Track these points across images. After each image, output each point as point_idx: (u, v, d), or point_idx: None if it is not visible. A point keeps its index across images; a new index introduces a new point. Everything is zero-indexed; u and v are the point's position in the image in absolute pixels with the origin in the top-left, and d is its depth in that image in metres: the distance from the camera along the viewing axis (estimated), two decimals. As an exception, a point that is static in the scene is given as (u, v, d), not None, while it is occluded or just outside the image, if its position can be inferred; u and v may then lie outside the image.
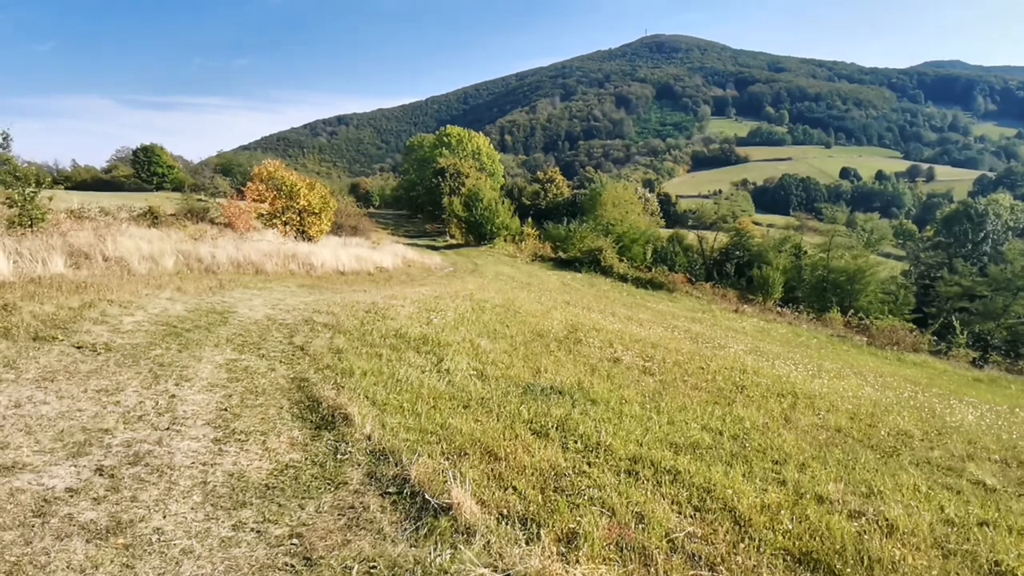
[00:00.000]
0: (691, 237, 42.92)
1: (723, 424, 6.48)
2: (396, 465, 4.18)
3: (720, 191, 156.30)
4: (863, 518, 4.43)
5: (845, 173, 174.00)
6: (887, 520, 4.39)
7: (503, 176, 66.95)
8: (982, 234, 41.24)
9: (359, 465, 4.18)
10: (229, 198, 27.42)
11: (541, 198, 56.20)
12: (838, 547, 3.86)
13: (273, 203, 22.06)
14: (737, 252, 38.02)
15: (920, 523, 4.43)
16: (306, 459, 4.23)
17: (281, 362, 6.52)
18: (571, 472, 4.51)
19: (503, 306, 13.35)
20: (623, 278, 30.74)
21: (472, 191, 39.33)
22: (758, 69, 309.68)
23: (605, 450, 5.09)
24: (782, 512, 4.29)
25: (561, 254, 35.94)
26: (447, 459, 4.48)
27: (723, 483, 4.63)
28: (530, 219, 43.84)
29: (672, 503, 4.26)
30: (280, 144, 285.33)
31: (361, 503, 3.69)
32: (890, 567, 3.69)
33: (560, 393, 6.66)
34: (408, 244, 32.66)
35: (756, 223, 74.72)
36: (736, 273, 35.19)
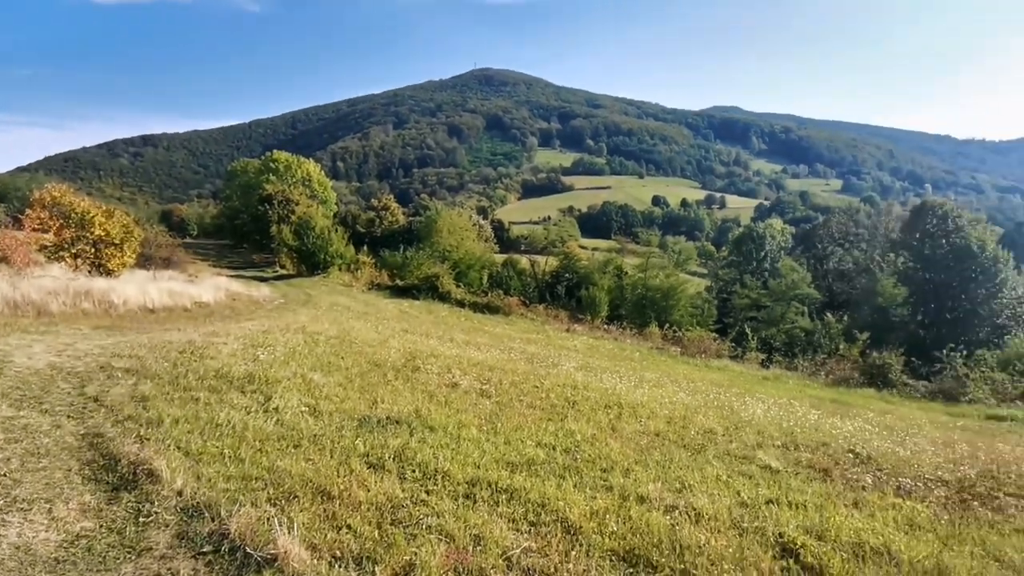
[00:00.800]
0: (524, 261, 44.89)
1: (556, 439, 6.81)
2: (213, 520, 3.81)
3: (549, 217, 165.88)
4: (676, 511, 4.91)
5: (656, 201, 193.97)
6: (695, 509, 4.92)
7: (336, 203, 64.89)
8: (763, 253, 48.29)
9: (166, 526, 3.74)
10: (2, 227, 23.31)
11: (376, 225, 55.32)
12: (656, 540, 4.23)
13: (60, 233, 19.17)
14: (567, 274, 40.47)
15: (721, 508, 5.02)
16: (101, 526, 3.68)
17: (69, 417, 5.63)
18: (409, 502, 4.44)
19: (338, 337, 12.84)
20: (461, 303, 31.18)
21: (303, 219, 37.56)
22: (578, 105, 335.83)
23: (443, 476, 5.09)
24: (609, 516, 4.60)
25: (398, 282, 35.56)
26: (274, 505, 4.18)
27: (556, 496, 4.86)
28: (366, 247, 42.91)
29: (509, 521, 4.37)
30: (68, 165, 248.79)
31: (169, 569, 3.29)
32: (697, 551, 4.13)
33: (397, 423, 6.54)
34: (233, 276, 30.16)
35: (582, 247, 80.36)
36: (567, 294, 37.38)
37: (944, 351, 21.57)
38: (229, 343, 10.44)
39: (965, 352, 21.78)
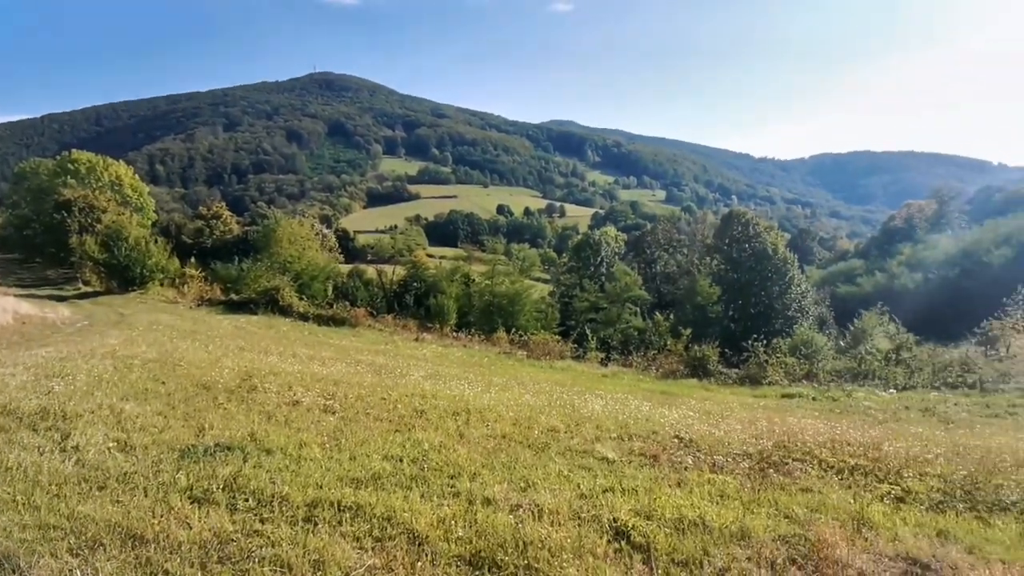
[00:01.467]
0: (371, 271, 43.93)
1: (404, 450, 6.72)
2: (14, 572, 3.27)
3: (396, 226, 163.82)
4: (521, 509, 5.08)
5: (501, 209, 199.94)
6: (538, 506, 5.12)
7: (155, 211, 58.35)
8: (600, 258, 51.82)
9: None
10: None
11: (206, 236, 50.74)
12: (501, 540, 4.34)
13: None
14: (415, 283, 40.22)
15: (562, 502, 5.29)
16: None
17: None
18: (240, 535, 4.11)
19: (158, 360, 11.55)
20: (304, 317, 29.62)
21: (113, 228, 33.25)
22: (423, 114, 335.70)
23: (281, 501, 4.80)
24: (456, 522, 4.63)
25: (233, 296, 32.85)
26: (76, 555, 3.65)
27: (402, 507, 4.79)
28: (193, 259, 39.13)
29: (353, 540, 4.23)
30: None
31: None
32: (539, 545, 4.31)
33: (229, 449, 6.03)
34: (22, 295, 25.82)
35: (430, 255, 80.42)
36: (415, 303, 37.12)
37: (749, 342, 24.65)
38: (17, 374, 8.95)
39: (765, 341, 25.08)
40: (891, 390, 19.90)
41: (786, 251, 44.21)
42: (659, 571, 4.17)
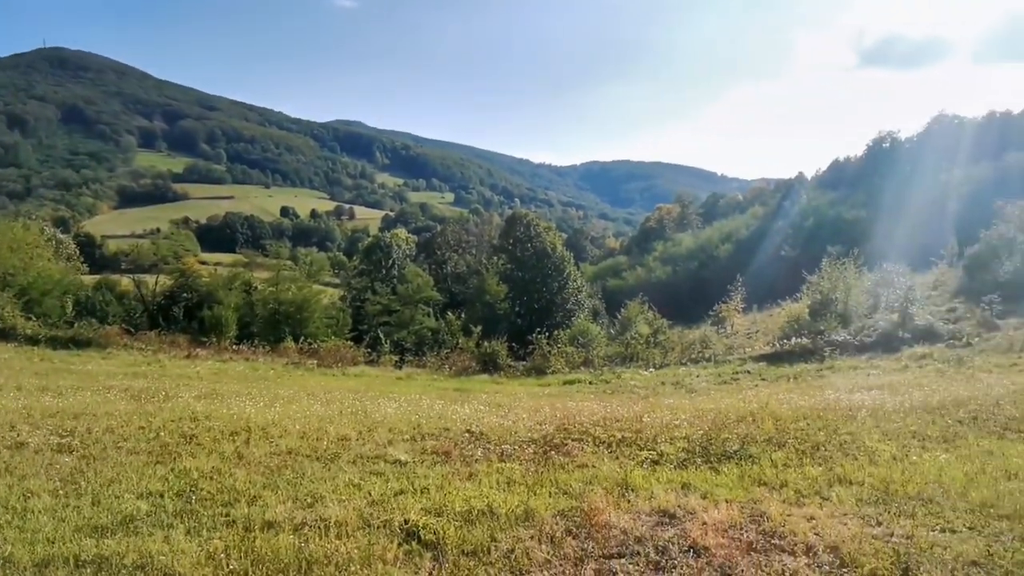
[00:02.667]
0: (126, 282, 37.95)
1: (166, 484, 5.92)
2: None
3: (159, 230, 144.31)
4: (306, 527, 4.80)
5: (285, 212, 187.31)
6: (324, 520, 4.89)
7: None
8: (391, 261, 51.40)
9: None
10: None
11: None
12: (282, 565, 4.06)
13: None
14: (185, 294, 35.75)
15: (351, 512, 5.12)
16: None
17: None
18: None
19: None
20: (34, 340, 24.49)
21: None
22: (188, 104, 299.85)
23: (3, 565, 3.92)
24: (229, 554, 4.21)
25: (-76, 320, 25.85)
26: None
27: (161, 550, 4.21)
28: None
29: (97, 597, 3.60)
30: None
31: None
32: (325, 561, 4.13)
33: (-87, 515, 4.74)
34: None
35: (203, 262, 72.20)
36: (186, 316, 33.02)
37: (534, 335, 26.47)
38: None
39: (548, 334, 27.13)
40: (651, 369, 22.93)
41: (563, 250, 48.43)
42: (448, 565, 4.26)
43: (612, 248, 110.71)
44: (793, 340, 23.27)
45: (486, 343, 26.79)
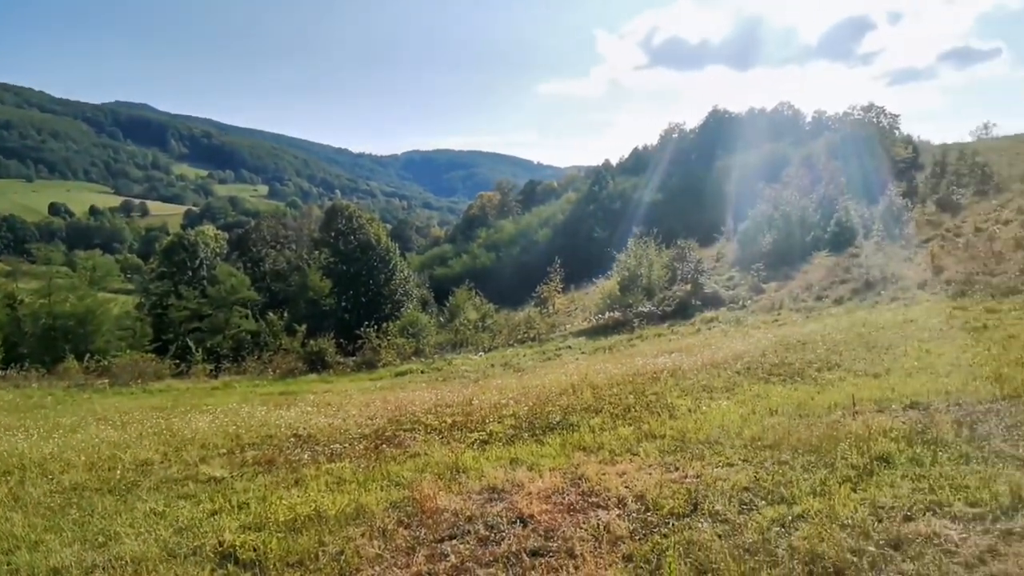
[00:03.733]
0: None
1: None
2: None
3: None
4: (98, 569, 4.21)
5: (55, 209, 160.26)
6: (119, 558, 4.33)
7: None
8: (198, 261, 46.43)
9: None
10: None
11: None
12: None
13: None
14: (-81, 315, 29.00)
15: (151, 545, 4.58)
16: None
17: None
18: None
19: None
20: None
21: None
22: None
23: None
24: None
25: None
26: None
27: None
28: None
29: None
30: None
31: None
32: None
33: None
34: None
35: (-56, 275, 59.19)
36: (-76, 342, 26.84)
37: (363, 329, 25.72)
38: None
39: (377, 327, 26.53)
40: (480, 353, 23.54)
41: (388, 241, 47.52)
42: (270, 579, 4.01)
43: (437, 237, 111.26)
44: (607, 315, 25.36)
45: (312, 341, 25.45)
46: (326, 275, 41.93)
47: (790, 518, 4.04)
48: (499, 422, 8.65)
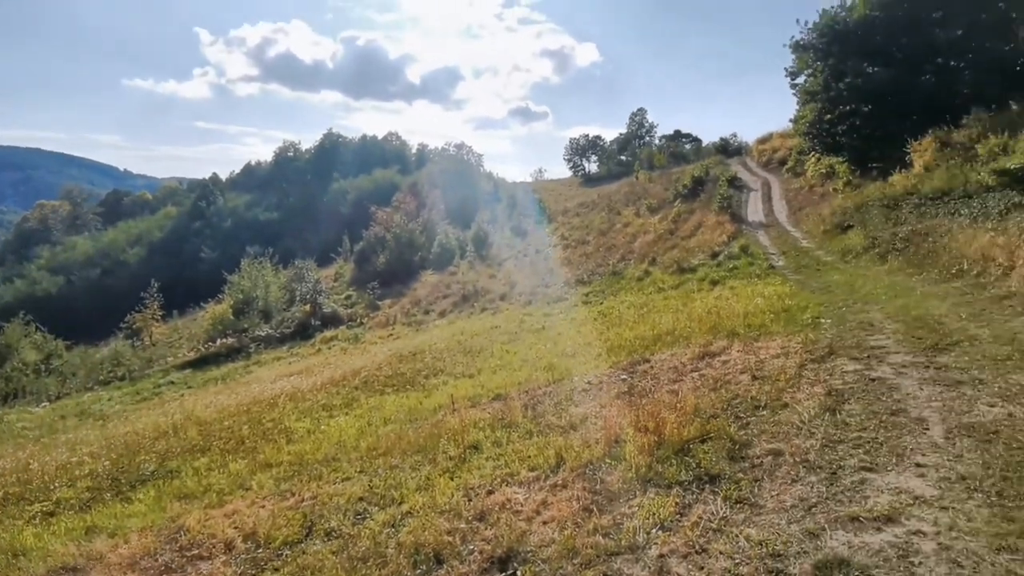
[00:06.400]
0: None
1: None
2: None
3: None
4: None
5: None
6: None
7: None
8: None
9: None
10: None
11: None
12: None
13: None
14: None
15: None
16: None
17: None
18: None
19: None
20: None
21: None
22: None
23: None
24: None
25: None
26: None
27: None
28: None
29: None
30: None
31: None
32: None
33: None
34: None
35: None
36: None
37: None
38: None
39: None
40: (44, 403, 18.59)
41: None
42: None
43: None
44: (219, 341, 23.10)
45: None
46: None
47: (399, 516, 4.32)
48: (70, 485, 6.95)
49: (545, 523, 3.68)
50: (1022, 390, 4.34)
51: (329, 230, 48.42)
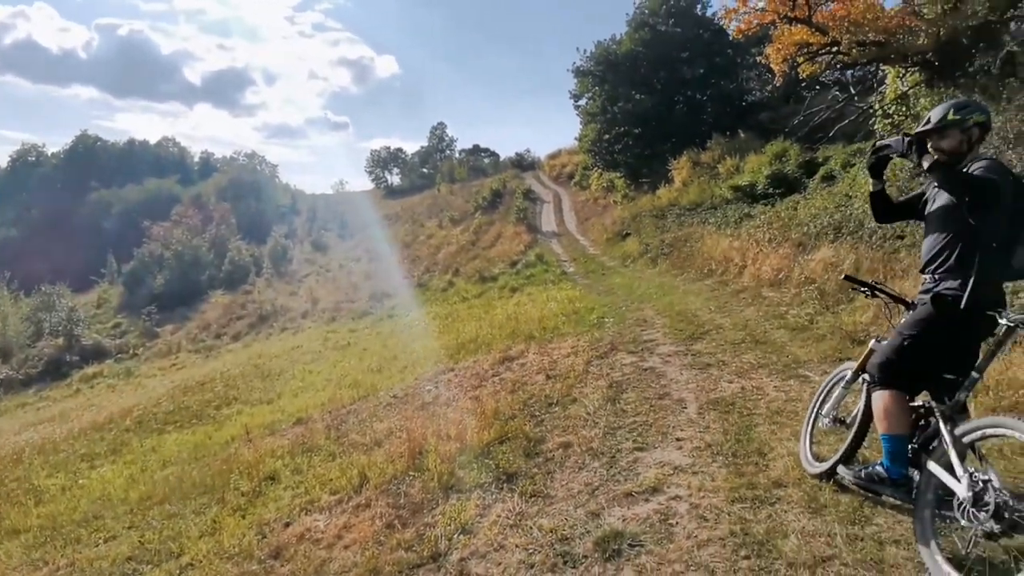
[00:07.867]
0: None
1: None
2: None
3: None
4: None
5: None
6: None
7: None
8: None
9: None
10: None
11: None
12: None
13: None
14: None
15: None
16: None
17: None
18: None
19: None
20: None
21: None
22: None
23: None
24: None
25: None
26: None
27: None
28: None
29: None
30: None
31: None
32: None
33: None
34: None
35: None
36: None
37: None
38: None
39: None
40: None
41: None
42: None
43: None
44: (-68, 391, 18.47)
45: None
46: None
47: (178, 572, 3.81)
48: None
49: (347, 547, 3.52)
50: (751, 367, 5.24)
51: (88, 249, 41.52)
